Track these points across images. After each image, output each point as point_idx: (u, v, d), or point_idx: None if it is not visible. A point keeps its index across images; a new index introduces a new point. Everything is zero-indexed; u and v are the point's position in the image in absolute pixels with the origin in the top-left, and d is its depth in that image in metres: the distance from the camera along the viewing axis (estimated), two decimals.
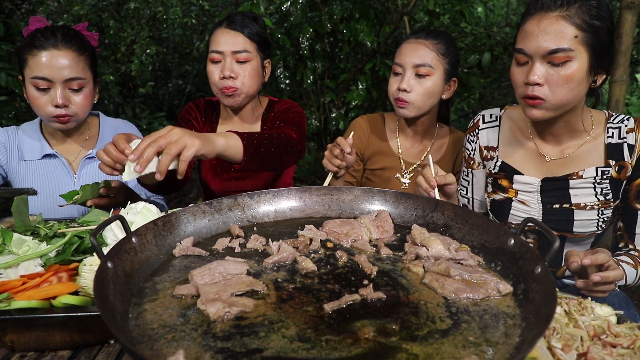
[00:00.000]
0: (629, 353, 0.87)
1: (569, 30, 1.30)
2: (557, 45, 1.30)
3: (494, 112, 1.70)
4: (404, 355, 0.69)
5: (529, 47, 1.35)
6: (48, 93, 1.70)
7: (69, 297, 0.99)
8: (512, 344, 0.72)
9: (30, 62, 1.68)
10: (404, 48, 1.86)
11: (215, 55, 1.87)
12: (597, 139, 1.49)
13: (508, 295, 0.86)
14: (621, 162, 1.44)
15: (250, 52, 1.87)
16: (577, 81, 1.33)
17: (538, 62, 1.34)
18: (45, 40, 1.68)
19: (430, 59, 1.81)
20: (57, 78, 1.69)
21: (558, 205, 1.50)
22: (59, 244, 1.18)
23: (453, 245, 1.03)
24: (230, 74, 1.85)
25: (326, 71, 3.93)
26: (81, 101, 1.77)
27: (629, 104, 5.83)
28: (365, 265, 0.98)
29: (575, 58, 1.31)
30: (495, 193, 1.63)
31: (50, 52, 1.68)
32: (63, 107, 1.72)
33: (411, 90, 1.82)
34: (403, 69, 1.84)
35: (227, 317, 0.78)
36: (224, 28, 1.87)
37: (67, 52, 1.71)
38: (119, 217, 0.96)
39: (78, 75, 1.73)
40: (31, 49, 1.68)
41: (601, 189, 1.46)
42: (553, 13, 1.32)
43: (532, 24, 1.34)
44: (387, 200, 1.26)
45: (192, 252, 1.03)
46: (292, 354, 0.70)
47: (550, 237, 0.83)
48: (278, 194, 1.26)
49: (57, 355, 0.98)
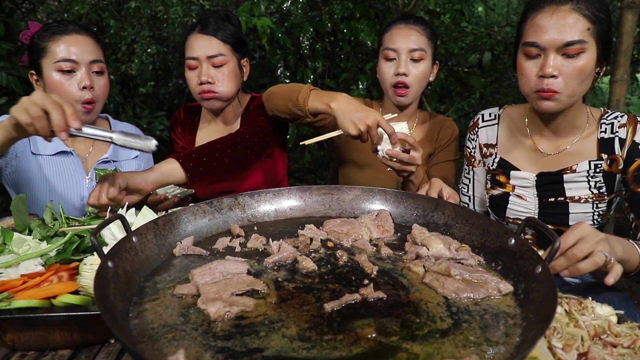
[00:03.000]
0: (629, 353, 0.87)
1: (582, 22, 1.32)
2: (572, 37, 1.32)
3: (493, 111, 1.74)
4: (405, 355, 0.69)
5: (542, 39, 1.35)
6: (73, 76, 1.71)
7: (69, 297, 0.99)
8: (513, 344, 0.72)
9: (52, 48, 1.69)
10: (396, 34, 1.87)
11: (191, 62, 1.88)
12: (591, 134, 1.52)
13: (508, 294, 0.86)
14: (612, 155, 1.47)
15: (225, 55, 1.87)
16: (588, 72, 1.36)
17: (552, 55, 1.35)
18: (65, 27, 1.72)
19: (422, 43, 1.85)
20: (82, 59, 1.71)
21: (553, 199, 1.54)
22: (60, 243, 1.18)
23: (453, 245, 1.03)
24: (207, 79, 1.86)
25: (327, 71, 3.93)
26: (104, 86, 1.79)
27: (629, 103, 5.83)
28: (365, 264, 0.98)
29: (587, 50, 1.33)
30: (493, 189, 1.66)
31: (72, 36, 1.72)
32: (90, 90, 1.73)
33: (409, 74, 1.85)
34: (397, 53, 1.85)
35: (227, 316, 0.78)
36: (197, 33, 1.87)
37: (87, 37, 1.75)
38: (119, 217, 0.96)
39: (100, 58, 1.77)
40: (52, 35, 1.70)
41: (595, 182, 1.49)
42: (565, 6, 1.34)
43: (545, 17, 1.35)
44: (388, 199, 1.27)
45: (193, 252, 1.03)
46: (293, 353, 0.70)
47: (550, 237, 0.83)
48: (278, 193, 1.26)
49: (57, 354, 0.98)
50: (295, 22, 3.68)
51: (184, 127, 2.13)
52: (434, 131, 2.04)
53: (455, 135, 2.03)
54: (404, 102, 1.91)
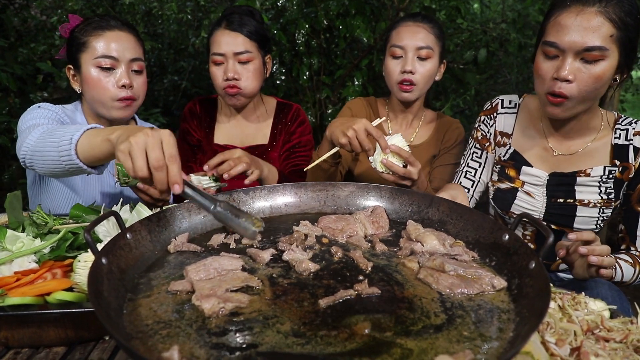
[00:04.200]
0: (621, 347, 0.88)
1: (606, 27, 1.26)
2: (593, 42, 1.27)
3: (513, 99, 1.68)
4: (399, 350, 0.69)
5: (563, 41, 1.30)
6: (112, 73, 1.68)
7: (63, 294, 0.98)
8: (506, 339, 0.72)
9: (92, 44, 1.66)
10: (404, 31, 1.86)
11: (218, 58, 1.88)
12: (605, 137, 1.49)
13: (502, 290, 0.86)
14: (625, 163, 1.46)
15: (251, 52, 1.88)
16: (605, 80, 1.31)
17: (570, 58, 1.31)
18: (107, 22, 1.69)
19: (430, 42, 1.84)
20: (123, 57, 1.68)
21: (562, 200, 1.52)
22: (53, 240, 1.17)
23: (448, 241, 1.04)
24: (233, 76, 1.86)
25: (322, 67, 3.92)
26: (143, 84, 1.76)
27: (623, 100, 5.85)
28: (360, 260, 0.98)
29: (608, 57, 1.28)
30: (501, 182, 1.63)
31: (115, 33, 1.68)
32: (129, 88, 1.70)
33: (416, 72, 1.84)
34: (404, 51, 1.85)
35: (222, 312, 0.78)
36: (224, 29, 1.87)
37: (129, 34, 1.72)
38: (113, 214, 0.95)
39: (140, 56, 1.74)
40: (94, 30, 1.66)
41: (605, 188, 1.47)
42: (592, 8, 1.27)
43: (569, 17, 1.30)
44: (383, 196, 1.27)
45: (187, 248, 1.03)
46: (287, 349, 0.70)
47: (544, 232, 0.84)
48: (273, 189, 1.26)
49: (51, 351, 0.98)
50: (291, 19, 3.67)
51: (201, 120, 2.10)
52: (440, 132, 2.03)
53: (461, 138, 2.01)
54: (409, 97, 1.90)
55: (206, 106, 2.11)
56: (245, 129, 2.08)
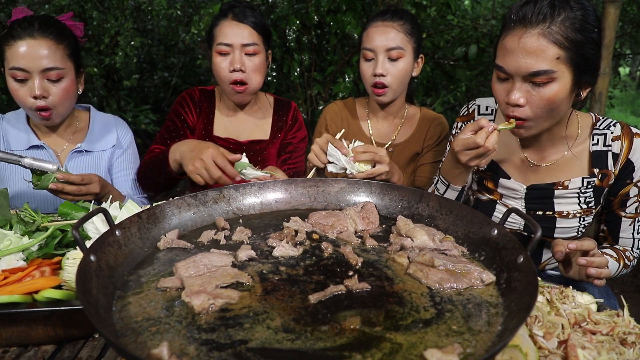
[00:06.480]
0: (608, 340, 0.89)
1: (551, 50, 1.20)
2: (538, 67, 1.21)
3: (490, 104, 1.63)
4: (388, 345, 0.70)
5: (509, 65, 1.26)
6: (26, 84, 1.65)
7: (51, 291, 0.98)
8: (495, 332, 0.73)
9: (7, 53, 1.63)
10: (372, 32, 1.83)
11: (224, 48, 1.85)
12: (582, 144, 1.44)
13: (491, 284, 0.87)
14: (605, 170, 1.41)
15: (258, 45, 1.87)
16: (559, 101, 1.25)
17: (519, 82, 1.26)
18: (22, 30, 1.63)
19: (400, 41, 1.81)
20: (34, 68, 1.63)
21: (541, 212, 1.49)
22: (41, 237, 1.17)
23: (437, 236, 1.04)
24: (240, 67, 1.85)
25: (313, 64, 3.91)
26: (60, 92, 1.70)
27: (611, 96, 5.91)
28: (350, 256, 0.98)
29: (557, 79, 1.22)
30: (480, 193, 1.61)
31: (26, 42, 1.62)
32: (42, 99, 1.66)
33: (387, 74, 1.83)
34: (375, 53, 1.83)
35: (211, 309, 0.78)
36: (231, 20, 1.85)
37: (43, 41, 1.65)
38: (102, 210, 0.95)
39: (56, 65, 1.66)
40: (8, 39, 1.63)
41: (584, 198, 1.44)
42: (534, 30, 1.21)
43: (512, 41, 1.24)
44: (373, 191, 1.27)
45: (177, 245, 1.02)
46: (277, 344, 0.70)
47: (532, 227, 0.84)
48: (264, 186, 1.26)
49: (40, 350, 0.97)
50: (282, 15, 3.66)
51: (200, 109, 2.06)
52: (423, 129, 2.01)
53: (444, 133, 1.99)
54: (383, 100, 1.90)
55: (206, 96, 2.09)
56: (245, 123, 2.07)
